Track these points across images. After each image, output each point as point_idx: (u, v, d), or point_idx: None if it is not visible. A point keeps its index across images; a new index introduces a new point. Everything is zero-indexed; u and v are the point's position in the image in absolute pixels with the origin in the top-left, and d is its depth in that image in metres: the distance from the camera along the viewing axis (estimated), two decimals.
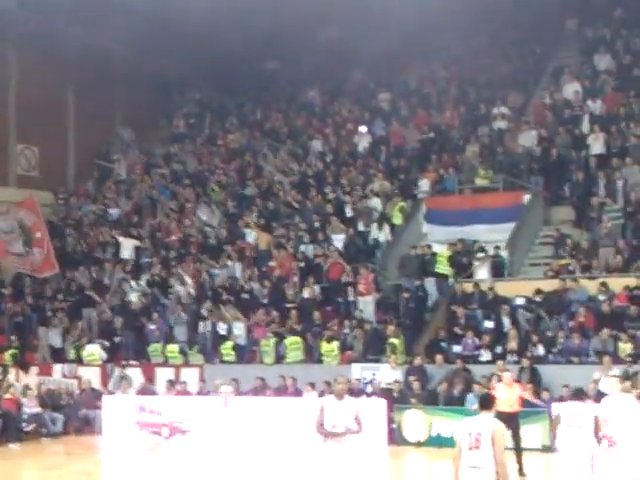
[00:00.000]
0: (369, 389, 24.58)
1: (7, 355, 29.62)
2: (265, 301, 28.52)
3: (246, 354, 27.50)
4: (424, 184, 30.77)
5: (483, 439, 10.66)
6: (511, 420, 18.16)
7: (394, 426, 23.08)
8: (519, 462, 18.66)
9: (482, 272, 27.05)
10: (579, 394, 21.66)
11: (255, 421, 21.31)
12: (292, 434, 21.96)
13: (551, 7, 35.99)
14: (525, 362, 23.26)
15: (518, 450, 18.77)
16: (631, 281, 24.47)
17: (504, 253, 27.38)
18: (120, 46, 36.58)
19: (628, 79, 31.44)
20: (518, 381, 21.38)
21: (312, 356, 26.78)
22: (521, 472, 18.60)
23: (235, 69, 39.17)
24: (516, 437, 18.79)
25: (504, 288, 26.09)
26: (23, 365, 29.44)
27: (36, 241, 32.35)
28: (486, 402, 11.14)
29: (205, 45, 37.24)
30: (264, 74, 40.69)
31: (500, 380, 20.05)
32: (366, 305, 27.22)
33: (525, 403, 20.59)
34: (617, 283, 24.51)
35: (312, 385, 24.30)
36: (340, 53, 38.55)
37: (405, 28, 32.59)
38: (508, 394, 18.85)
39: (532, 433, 21.37)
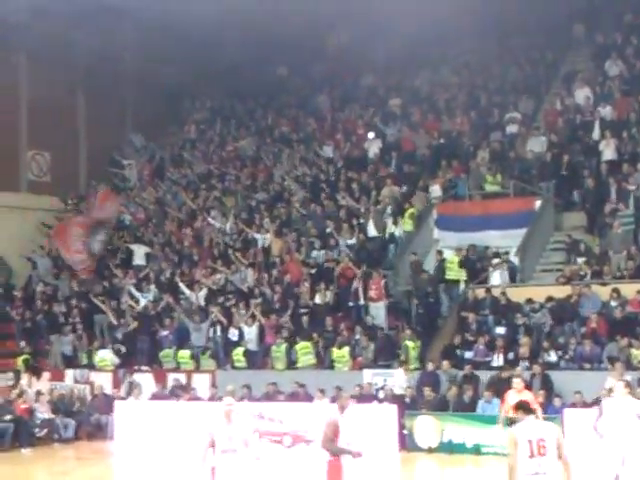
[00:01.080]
0: (381, 395, 24.55)
1: (19, 361, 29.71)
2: (277, 306, 28.54)
3: (258, 360, 27.50)
4: (435, 190, 30.76)
5: (548, 444, 10.60)
6: None
7: (405, 432, 23.06)
8: None
9: (496, 277, 27.01)
10: (596, 402, 21.58)
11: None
12: None
13: (560, 12, 36.08)
14: (536, 368, 23.22)
15: None
16: None
17: (515, 259, 27.38)
18: (131, 52, 36.80)
19: (639, 84, 31.42)
20: (529, 387, 21.39)
21: (323, 362, 26.79)
22: None
23: (245, 75, 39.32)
24: None
25: (516, 294, 26.06)
26: (35, 371, 29.49)
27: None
28: (527, 407, 11.16)
29: (215, 51, 37.37)
30: (274, 80, 40.84)
31: (510, 387, 20.11)
32: (377, 310, 27.24)
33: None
34: (629, 289, 24.43)
35: (322, 391, 24.26)
36: (350, 59, 38.69)
37: (415, 34, 32.71)
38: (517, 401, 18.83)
39: None
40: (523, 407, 11.23)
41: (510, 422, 19.14)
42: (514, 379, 20.16)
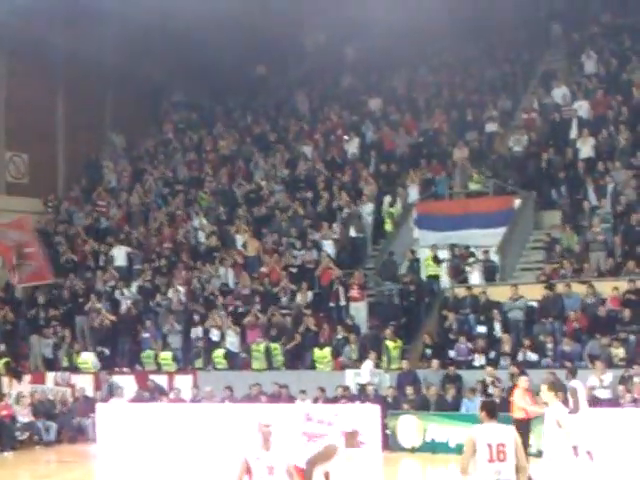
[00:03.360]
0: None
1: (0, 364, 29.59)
2: (256, 307, 28.51)
3: (239, 361, 27.49)
4: (412, 189, 30.82)
5: (508, 450, 10.30)
6: (521, 426, 18.12)
7: (388, 432, 23.12)
8: None
9: (475, 277, 27.12)
10: None
11: None
12: None
13: (538, 12, 36.28)
14: (513, 369, 23.15)
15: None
16: (623, 285, 24.53)
17: (495, 258, 27.49)
18: (109, 53, 36.57)
19: (615, 83, 31.60)
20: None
21: (305, 362, 26.82)
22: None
23: (224, 75, 39.25)
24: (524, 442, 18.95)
25: (496, 293, 26.16)
26: (16, 373, 29.36)
27: (28, 255, 32.17)
28: (494, 410, 10.67)
29: (194, 51, 37.30)
30: (253, 80, 40.77)
31: (516, 385, 20.06)
32: (358, 310, 27.28)
33: None
34: (609, 287, 24.57)
35: (304, 392, 24.28)
36: (328, 59, 38.71)
37: (394, 34, 32.74)
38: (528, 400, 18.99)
39: None
40: (488, 409, 10.72)
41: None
42: (521, 377, 20.13)
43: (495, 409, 10.72)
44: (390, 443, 23.03)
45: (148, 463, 23.01)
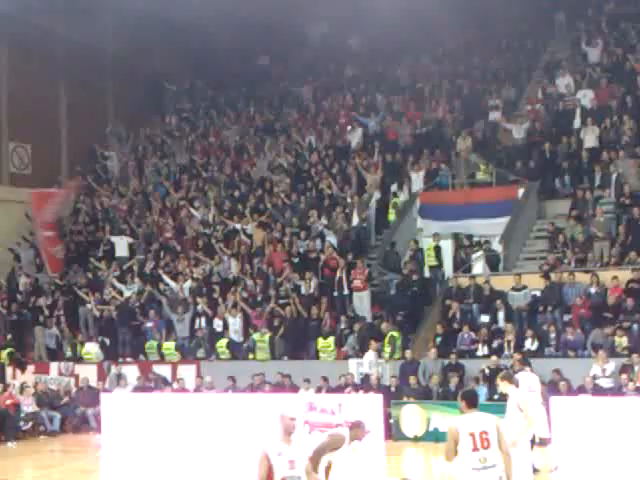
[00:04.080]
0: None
1: (3, 354, 29.61)
2: (260, 297, 28.51)
3: (242, 351, 27.50)
4: (416, 178, 30.78)
5: (491, 437, 10.39)
6: None
7: (391, 421, 23.12)
8: None
9: (478, 266, 27.10)
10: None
11: None
12: None
13: (542, 1, 36.20)
14: (516, 356, 23.13)
15: None
16: (626, 274, 24.49)
17: (498, 247, 27.46)
18: (112, 43, 36.60)
19: (619, 72, 31.53)
20: None
21: (309, 352, 26.82)
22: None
23: (227, 65, 39.25)
24: None
25: (499, 282, 26.13)
26: (20, 364, 29.40)
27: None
28: (474, 400, 10.76)
29: (196, 41, 37.32)
30: (256, 70, 40.74)
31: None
32: (361, 300, 27.26)
33: None
34: (612, 276, 24.54)
35: (308, 381, 24.30)
36: (332, 49, 38.67)
37: (397, 23, 32.66)
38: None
39: None
40: (466, 399, 10.77)
41: None
42: (526, 368, 20.16)
43: (474, 398, 10.79)
44: (393, 432, 23.05)
45: (152, 453, 23.02)
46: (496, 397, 21.11)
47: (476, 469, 10.37)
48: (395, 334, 25.49)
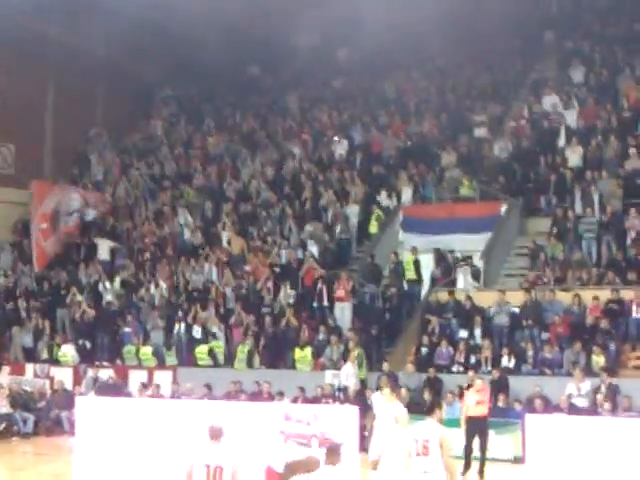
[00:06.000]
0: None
1: None
2: (239, 305, 28.44)
3: (223, 358, 27.41)
4: (406, 191, 30.81)
5: (431, 445, 10.86)
6: (479, 424, 19.48)
7: (366, 433, 23.02)
8: (482, 463, 19.49)
9: (460, 281, 27.11)
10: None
11: None
12: None
13: (531, 19, 36.31)
14: (495, 373, 23.29)
15: (483, 452, 19.62)
16: (605, 293, 24.56)
17: (479, 263, 27.48)
18: (100, 47, 36.52)
19: (605, 93, 31.65)
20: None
21: (286, 362, 26.75)
22: (481, 474, 19.38)
23: (215, 73, 39.18)
24: (483, 440, 19.67)
25: (479, 298, 26.15)
26: None
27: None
28: (429, 408, 11.32)
29: (186, 48, 37.23)
30: (244, 79, 40.72)
31: (470, 386, 20.60)
32: (343, 311, 27.22)
33: (499, 412, 20.96)
34: (592, 295, 24.59)
35: (282, 394, 24.19)
36: (321, 60, 38.68)
37: (386, 38, 32.70)
38: (475, 399, 19.60)
39: (503, 444, 21.52)
40: (426, 407, 11.49)
41: (467, 420, 19.48)
42: (476, 380, 20.40)
43: (431, 408, 11.40)
44: (367, 445, 22.93)
45: (125, 458, 22.88)
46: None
47: (418, 471, 10.97)
48: (360, 352, 25.38)
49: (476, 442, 19.73)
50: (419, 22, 31.39)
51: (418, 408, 22.93)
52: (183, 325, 28.34)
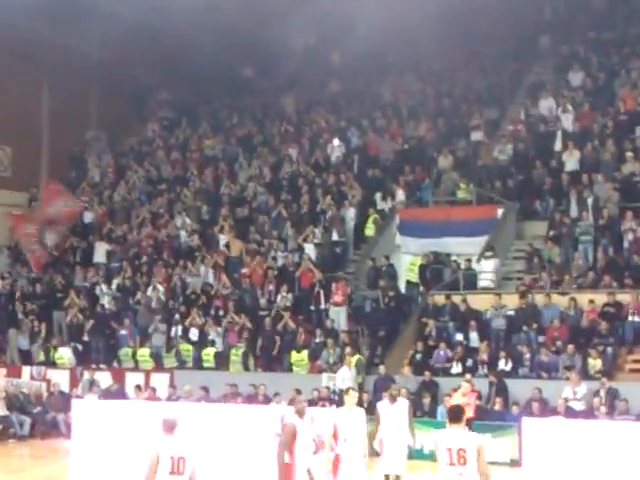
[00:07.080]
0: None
1: None
2: (235, 308, 28.43)
3: (222, 361, 27.43)
4: (401, 195, 30.84)
5: (469, 455, 10.39)
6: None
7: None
8: None
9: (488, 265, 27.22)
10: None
11: None
12: None
13: (527, 23, 36.37)
14: (492, 377, 23.34)
15: None
16: (602, 297, 24.61)
17: (477, 266, 27.51)
18: (96, 50, 36.52)
19: (602, 97, 31.70)
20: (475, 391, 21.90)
21: (282, 365, 26.76)
22: None
23: (211, 75, 39.14)
24: None
25: (476, 301, 26.18)
26: None
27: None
28: (456, 415, 10.73)
29: (181, 51, 37.23)
30: (240, 81, 40.70)
31: (456, 390, 20.90)
32: (338, 314, 27.23)
33: (496, 415, 21.04)
34: (588, 299, 24.64)
35: (278, 394, 24.19)
36: (316, 62, 38.69)
37: (382, 40, 32.74)
38: (460, 402, 19.48)
39: (500, 447, 21.54)
40: (452, 414, 10.81)
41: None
42: (463, 383, 20.52)
43: (458, 414, 10.76)
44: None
45: (121, 461, 22.85)
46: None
47: None
48: (360, 358, 25.40)
49: None
50: (415, 25, 31.44)
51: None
52: (180, 328, 28.33)
